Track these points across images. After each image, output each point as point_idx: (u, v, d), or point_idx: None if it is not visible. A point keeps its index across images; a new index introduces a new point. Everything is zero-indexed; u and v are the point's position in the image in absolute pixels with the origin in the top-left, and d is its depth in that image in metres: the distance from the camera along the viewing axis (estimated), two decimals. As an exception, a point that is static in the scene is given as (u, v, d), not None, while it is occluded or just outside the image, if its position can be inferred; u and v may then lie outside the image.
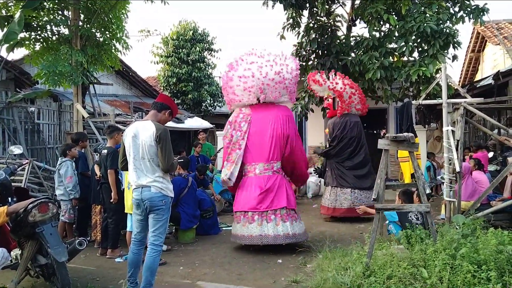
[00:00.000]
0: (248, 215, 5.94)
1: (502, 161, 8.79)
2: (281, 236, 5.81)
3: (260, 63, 6.08)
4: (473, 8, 9.35)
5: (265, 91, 6.11)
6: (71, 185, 6.23)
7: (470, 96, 6.83)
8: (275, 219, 5.88)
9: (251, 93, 6.11)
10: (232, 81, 6.17)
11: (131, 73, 15.97)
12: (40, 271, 4.43)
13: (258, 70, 6.02)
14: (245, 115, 6.19)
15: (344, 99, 8.19)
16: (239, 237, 6.00)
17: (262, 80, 6.02)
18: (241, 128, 6.14)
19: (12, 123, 9.06)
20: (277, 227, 5.83)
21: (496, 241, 3.93)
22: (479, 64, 16.49)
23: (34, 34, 8.91)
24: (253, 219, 5.90)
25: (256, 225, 5.86)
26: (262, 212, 5.89)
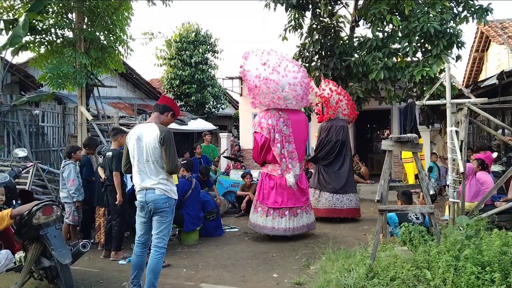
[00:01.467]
0: (280, 210, 6.70)
1: (507, 162, 8.75)
2: (304, 226, 6.83)
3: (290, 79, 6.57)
4: (477, 8, 9.32)
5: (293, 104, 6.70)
6: (73, 188, 6.25)
7: (474, 96, 6.79)
8: (301, 212, 6.82)
9: (298, 100, 6.68)
10: (278, 85, 6.49)
11: (134, 75, 16.04)
12: (44, 274, 4.44)
13: (302, 79, 6.66)
14: (285, 119, 6.67)
15: (331, 104, 8.34)
16: (267, 229, 6.70)
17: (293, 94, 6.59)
18: (285, 131, 6.64)
19: (17, 126, 9.11)
20: (302, 219, 6.81)
21: (500, 242, 3.91)
22: (483, 64, 16.41)
23: (39, 38, 8.97)
24: (284, 213, 6.69)
25: (287, 219, 6.67)
26: (302, 206, 6.82)
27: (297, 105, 6.76)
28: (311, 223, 6.94)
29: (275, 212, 6.68)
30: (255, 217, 6.85)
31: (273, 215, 6.67)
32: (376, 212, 4.65)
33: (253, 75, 6.53)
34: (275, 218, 6.66)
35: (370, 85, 9.88)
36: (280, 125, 6.60)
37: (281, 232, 6.65)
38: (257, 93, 6.55)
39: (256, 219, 6.82)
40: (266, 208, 6.73)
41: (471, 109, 5.98)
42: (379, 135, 18.16)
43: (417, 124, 9.49)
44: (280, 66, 6.55)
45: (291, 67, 6.64)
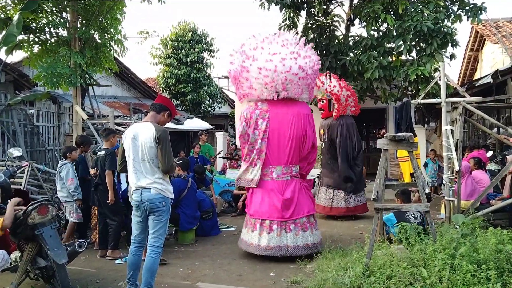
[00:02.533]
0: (265, 224, 5.49)
1: (502, 160, 8.80)
2: (301, 247, 5.43)
3: (284, 54, 5.39)
4: (471, 7, 9.37)
5: (288, 88, 5.44)
6: (73, 187, 6.25)
7: (469, 95, 6.83)
8: (295, 228, 5.47)
9: (272, 88, 5.42)
10: (249, 72, 5.45)
11: (130, 74, 15.98)
12: (40, 273, 4.42)
13: (281, 62, 5.33)
14: (262, 111, 5.55)
15: (341, 102, 8.21)
16: (253, 247, 5.51)
17: (285, 75, 5.33)
18: (259, 126, 5.56)
19: (12, 126, 9.06)
20: (297, 238, 5.44)
21: (496, 240, 3.93)
22: (478, 63, 16.50)
23: (33, 37, 8.91)
24: (272, 228, 5.44)
25: (275, 235, 5.41)
26: (282, 222, 5.46)
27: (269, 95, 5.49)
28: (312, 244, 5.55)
29: (261, 226, 5.56)
30: (243, 232, 5.88)
31: (259, 229, 5.54)
32: (372, 210, 4.65)
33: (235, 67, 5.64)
34: (261, 233, 5.52)
35: (366, 84, 9.91)
36: (255, 118, 5.57)
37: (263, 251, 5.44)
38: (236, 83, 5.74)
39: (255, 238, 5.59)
40: (253, 221, 5.67)
41: (466, 107, 6.01)
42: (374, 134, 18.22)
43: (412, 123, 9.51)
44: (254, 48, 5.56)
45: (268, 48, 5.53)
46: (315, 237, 5.62)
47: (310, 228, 5.59)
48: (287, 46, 5.54)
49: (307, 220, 5.59)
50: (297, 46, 5.62)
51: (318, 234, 5.74)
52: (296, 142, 5.56)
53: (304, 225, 5.54)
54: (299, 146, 5.60)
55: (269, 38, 5.68)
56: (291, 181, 5.61)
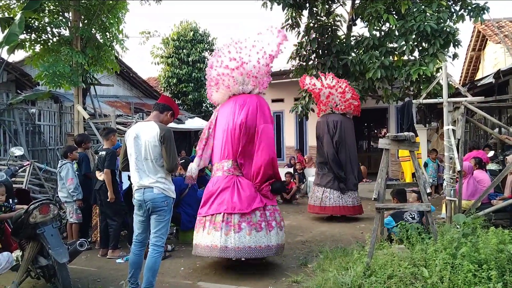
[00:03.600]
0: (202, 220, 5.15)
1: (503, 160, 8.78)
2: (208, 247, 4.92)
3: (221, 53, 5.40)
4: (474, 7, 9.35)
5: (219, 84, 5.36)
6: (72, 187, 6.25)
7: (471, 95, 6.82)
8: (208, 226, 4.99)
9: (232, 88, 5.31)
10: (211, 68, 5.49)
11: (131, 74, 16.00)
12: (41, 273, 4.43)
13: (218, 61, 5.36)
14: (216, 111, 5.55)
15: (321, 99, 8.31)
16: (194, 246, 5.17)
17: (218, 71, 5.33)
18: (212, 122, 5.50)
19: (13, 125, 9.07)
20: (207, 236, 4.96)
21: (497, 240, 3.92)
22: (480, 63, 16.47)
23: (35, 36, 8.93)
24: (205, 225, 5.04)
25: (195, 233, 5.18)
26: (201, 218, 5.14)
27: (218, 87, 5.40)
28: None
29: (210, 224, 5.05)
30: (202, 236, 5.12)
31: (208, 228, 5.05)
32: (374, 210, 4.65)
33: None
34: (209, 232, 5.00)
35: (367, 84, 9.90)
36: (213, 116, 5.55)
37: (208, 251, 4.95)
38: None
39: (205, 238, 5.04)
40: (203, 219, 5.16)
41: (468, 107, 6.00)
42: (376, 133, 18.20)
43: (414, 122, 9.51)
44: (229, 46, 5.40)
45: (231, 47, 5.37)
46: (228, 241, 4.84)
47: (225, 229, 4.88)
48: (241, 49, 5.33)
49: (222, 220, 4.92)
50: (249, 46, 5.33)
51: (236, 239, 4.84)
52: (228, 134, 5.15)
53: (218, 224, 4.93)
54: (232, 139, 5.13)
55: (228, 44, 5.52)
56: (222, 177, 5.16)
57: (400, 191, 6.04)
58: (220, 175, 5.20)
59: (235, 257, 4.91)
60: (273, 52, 5.28)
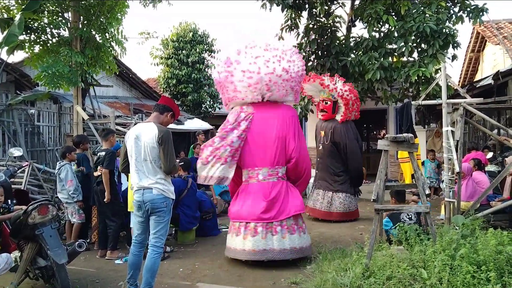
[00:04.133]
0: (250, 227, 5.32)
1: (502, 162, 8.80)
2: (288, 250, 5.24)
3: (268, 57, 5.46)
4: (473, 8, 9.37)
5: (272, 89, 5.52)
6: (72, 189, 6.24)
7: (470, 96, 6.82)
8: (281, 231, 5.30)
9: (256, 90, 5.48)
10: (233, 77, 5.50)
11: (131, 75, 15.99)
12: (40, 273, 4.43)
13: (265, 64, 5.40)
14: (247, 113, 5.56)
15: (349, 106, 8.09)
16: (238, 252, 5.36)
17: (269, 77, 5.40)
18: (240, 126, 5.52)
19: (12, 125, 9.07)
20: (284, 240, 5.26)
21: (496, 241, 3.92)
22: (479, 64, 16.50)
23: (34, 37, 8.92)
24: (257, 231, 5.27)
25: (260, 238, 5.24)
26: (268, 224, 5.30)
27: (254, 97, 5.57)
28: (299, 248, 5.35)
29: (245, 229, 5.40)
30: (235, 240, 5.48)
31: (243, 233, 5.39)
32: (372, 211, 4.65)
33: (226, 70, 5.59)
34: (245, 237, 5.35)
35: (367, 85, 9.91)
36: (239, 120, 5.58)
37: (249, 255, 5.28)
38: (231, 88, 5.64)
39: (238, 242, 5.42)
40: (237, 225, 5.52)
41: (466, 109, 6.01)
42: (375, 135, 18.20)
43: (413, 124, 9.53)
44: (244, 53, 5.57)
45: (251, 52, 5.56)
46: (303, 241, 5.40)
47: (298, 232, 5.39)
48: (269, 50, 5.59)
49: (294, 222, 5.40)
50: (280, 51, 5.62)
51: (306, 238, 5.51)
52: (282, 143, 5.50)
53: (292, 227, 5.35)
54: (284, 148, 5.52)
55: (251, 43, 5.70)
56: (277, 183, 5.48)
57: (399, 191, 6.04)
58: (275, 181, 5.50)
59: (309, 254, 5.51)
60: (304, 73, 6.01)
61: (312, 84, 8.18)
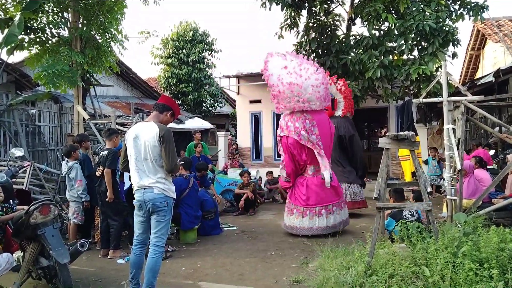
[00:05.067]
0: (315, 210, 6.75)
1: (503, 159, 8.79)
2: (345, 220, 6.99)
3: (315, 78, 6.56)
4: (473, 6, 9.35)
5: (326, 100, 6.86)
6: (81, 189, 6.27)
7: (471, 94, 6.82)
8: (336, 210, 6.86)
9: (321, 101, 6.69)
10: (301, 88, 6.47)
11: (131, 74, 15.99)
12: (42, 273, 4.43)
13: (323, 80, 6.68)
14: (310, 120, 6.70)
15: (347, 99, 8.40)
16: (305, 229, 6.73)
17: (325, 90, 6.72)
18: (314, 131, 6.68)
19: (13, 126, 9.06)
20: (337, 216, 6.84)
21: (498, 239, 3.92)
22: (480, 62, 16.48)
23: (34, 36, 8.91)
24: (321, 213, 6.73)
25: (335, 215, 6.81)
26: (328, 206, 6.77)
27: (320, 105, 6.77)
28: (346, 219, 7.03)
29: (311, 212, 6.74)
30: (291, 219, 6.91)
31: (309, 215, 6.73)
32: (374, 209, 4.65)
33: (275, 79, 6.59)
34: (311, 218, 6.72)
35: (367, 83, 9.90)
36: (308, 126, 6.67)
37: (320, 231, 6.68)
38: (282, 98, 6.63)
39: (292, 221, 6.87)
40: (302, 209, 6.78)
41: (468, 106, 6.00)
42: (376, 133, 18.20)
43: (414, 122, 9.53)
44: (301, 69, 6.52)
45: (311, 69, 6.63)
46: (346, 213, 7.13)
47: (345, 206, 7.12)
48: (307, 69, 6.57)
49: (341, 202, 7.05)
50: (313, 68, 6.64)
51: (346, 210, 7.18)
52: (331, 140, 7.07)
53: (344, 203, 7.18)
54: (332, 143, 7.14)
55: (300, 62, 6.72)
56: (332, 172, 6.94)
57: (397, 189, 6.05)
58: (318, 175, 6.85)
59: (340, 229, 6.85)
60: None
61: None
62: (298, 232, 6.79)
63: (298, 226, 6.81)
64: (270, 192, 11.44)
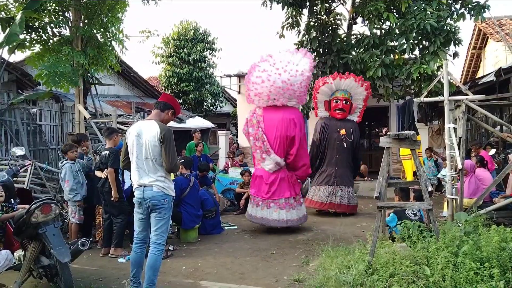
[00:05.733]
0: (256, 200, 7.14)
1: (505, 158, 8.78)
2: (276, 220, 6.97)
3: (270, 71, 6.79)
4: (474, 5, 9.33)
5: (273, 97, 6.93)
6: (68, 189, 6.23)
7: (472, 93, 6.81)
8: (273, 206, 7.02)
9: (261, 98, 7.00)
10: (249, 84, 7.08)
11: (132, 73, 16.00)
12: (43, 272, 4.43)
13: (267, 78, 6.78)
14: (258, 115, 7.10)
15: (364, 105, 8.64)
16: (252, 217, 7.19)
17: (269, 88, 6.81)
18: (260, 125, 7.02)
19: (14, 125, 9.08)
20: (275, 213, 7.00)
21: (499, 238, 3.91)
22: (481, 61, 16.45)
23: (35, 36, 8.92)
24: (258, 204, 7.10)
25: (260, 209, 7.08)
26: (264, 200, 7.04)
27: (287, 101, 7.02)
28: (302, 216, 7.20)
29: (263, 203, 7.07)
30: (249, 207, 7.36)
31: (261, 205, 7.08)
32: (374, 208, 4.65)
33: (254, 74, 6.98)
34: (263, 208, 7.07)
35: (368, 83, 9.88)
36: (254, 121, 7.08)
37: (271, 223, 7.00)
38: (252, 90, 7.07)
39: (250, 209, 7.29)
40: (257, 199, 7.15)
41: (469, 106, 5.99)
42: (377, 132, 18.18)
43: (415, 121, 9.53)
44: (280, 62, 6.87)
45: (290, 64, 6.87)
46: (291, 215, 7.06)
47: (288, 208, 7.03)
48: (275, 64, 6.86)
49: (285, 202, 7.04)
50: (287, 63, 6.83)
51: (295, 213, 7.09)
52: (281, 141, 6.96)
53: (282, 205, 7.03)
54: (284, 144, 6.98)
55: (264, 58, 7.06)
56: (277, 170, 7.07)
57: (403, 188, 6.02)
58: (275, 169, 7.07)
59: (293, 225, 7.14)
60: (309, 75, 7.09)
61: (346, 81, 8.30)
62: (254, 221, 7.19)
63: (253, 214, 7.17)
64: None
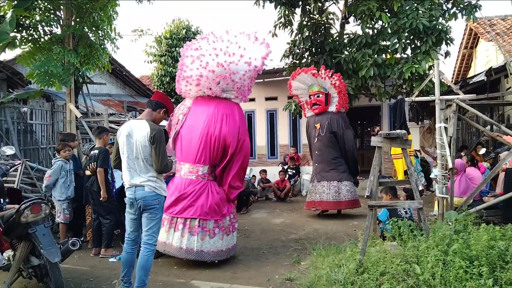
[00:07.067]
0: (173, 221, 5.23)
1: (495, 157, 8.85)
2: (183, 250, 5.08)
3: (205, 50, 5.23)
4: (466, 5, 9.39)
5: (205, 84, 5.27)
6: (45, 183, 6.18)
7: (463, 92, 6.85)
8: (182, 229, 5.13)
9: (189, 83, 5.38)
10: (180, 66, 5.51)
11: (124, 72, 15.92)
12: (33, 272, 4.40)
13: (199, 57, 5.20)
14: (185, 107, 5.55)
15: (342, 94, 8.41)
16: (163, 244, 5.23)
17: (200, 71, 5.20)
18: (179, 120, 5.52)
19: (5, 124, 9.00)
20: (182, 239, 5.10)
21: (488, 236, 3.95)
22: (472, 61, 16.57)
23: (26, 34, 8.83)
24: (163, 223, 4.94)
25: (163, 231, 5.08)
26: (172, 218, 5.18)
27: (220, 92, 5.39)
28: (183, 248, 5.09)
29: (168, 222, 5.21)
30: None
31: (166, 226, 5.18)
32: (366, 207, 4.67)
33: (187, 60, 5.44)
34: (167, 230, 5.20)
35: (360, 82, 9.92)
36: (178, 113, 5.61)
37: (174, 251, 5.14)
38: None
39: None
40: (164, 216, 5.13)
41: (459, 105, 6.04)
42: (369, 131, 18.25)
43: (406, 120, 9.57)
44: None
45: None
46: (205, 245, 5.14)
47: (202, 235, 5.14)
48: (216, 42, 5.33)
49: (198, 225, 5.14)
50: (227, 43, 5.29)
51: (212, 244, 5.19)
52: (207, 141, 5.23)
53: (194, 229, 5.12)
54: (210, 147, 5.24)
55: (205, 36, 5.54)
56: (195, 181, 5.23)
57: (392, 187, 6.09)
58: (193, 178, 5.28)
59: (210, 260, 5.22)
60: (257, 67, 5.40)
61: (304, 76, 8.26)
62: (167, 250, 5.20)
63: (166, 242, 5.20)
64: (264, 191, 11.46)
